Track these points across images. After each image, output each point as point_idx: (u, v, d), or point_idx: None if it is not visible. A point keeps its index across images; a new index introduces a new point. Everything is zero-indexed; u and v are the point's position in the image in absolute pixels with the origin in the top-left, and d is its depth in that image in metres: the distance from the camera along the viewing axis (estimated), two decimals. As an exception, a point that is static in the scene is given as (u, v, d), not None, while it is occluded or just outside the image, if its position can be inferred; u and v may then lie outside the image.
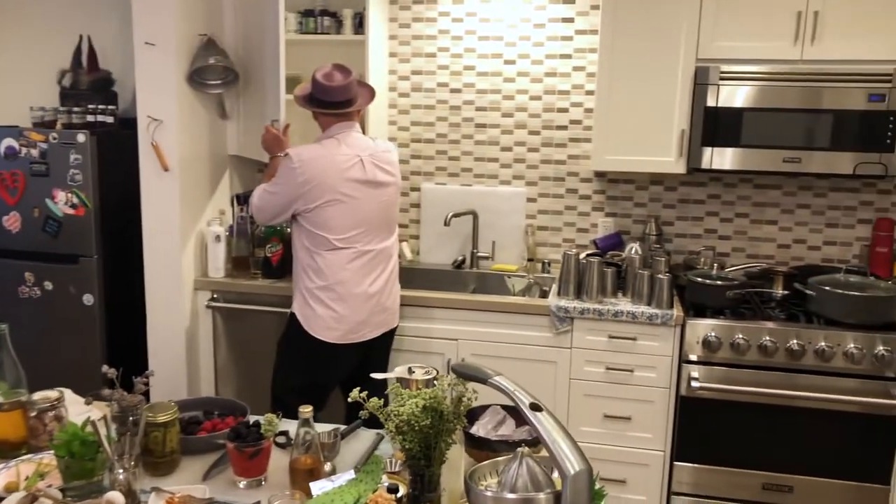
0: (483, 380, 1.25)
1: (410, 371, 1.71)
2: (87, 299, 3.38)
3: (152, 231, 3.22)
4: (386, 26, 3.56)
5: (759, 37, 2.97)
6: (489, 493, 1.17)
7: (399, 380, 1.70)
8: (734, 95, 2.97)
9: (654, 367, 2.98)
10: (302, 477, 1.49)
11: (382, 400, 1.44)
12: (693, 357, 2.89)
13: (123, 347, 3.52)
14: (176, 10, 3.06)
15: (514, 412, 1.76)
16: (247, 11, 3.29)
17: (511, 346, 3.09)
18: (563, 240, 3.61)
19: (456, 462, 1.41)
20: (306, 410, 1.49)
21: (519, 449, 1.21)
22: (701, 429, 2.93)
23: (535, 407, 1.15)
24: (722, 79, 2.96)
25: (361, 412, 1.41)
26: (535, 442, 1.64)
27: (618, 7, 3.07)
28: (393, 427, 1.31)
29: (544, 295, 3.33)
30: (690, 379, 2.86)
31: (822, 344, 2.76)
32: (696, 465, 2.95)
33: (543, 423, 1.13)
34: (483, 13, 3.50)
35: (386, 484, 1.32)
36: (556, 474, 1.27)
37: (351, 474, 1.41)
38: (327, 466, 1.58)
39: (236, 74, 3.28)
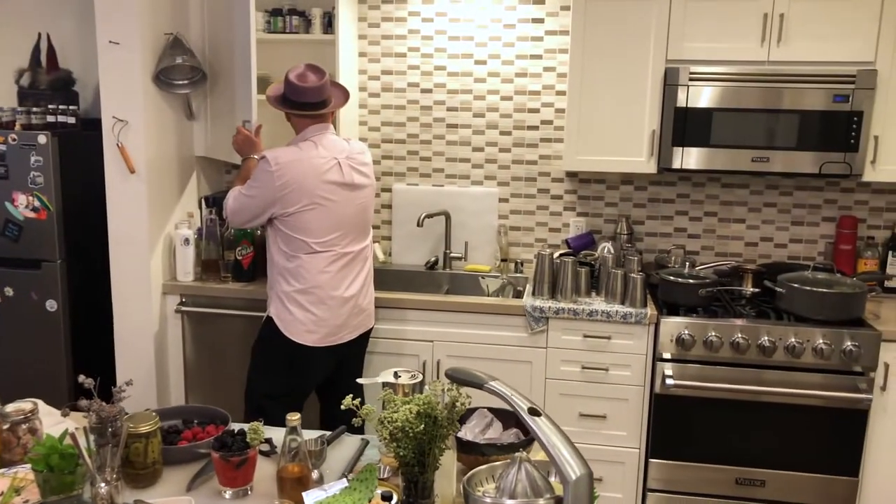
0: (479, 385, 1.24)
1: (396, 375, 1.69)
2: (51, 305, 3.29)
3: (118, 235, 3.14)
4: (355, 26, 3.53)
5: (726, 38, 3.01)
6: (488, 500, 1.16)
7: (385, 384, 1.68)
8: (703, 96, 3.00)
9: (628, 366, 3.01)
10: (290, 486, 1.46)
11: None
12: (667, 355, 2.92)
13: (89, 355, 3.43)
14: (141, 8, 2.99)
15: (501, 415, 1.75)
16: (214, 10, 3.23)
17: (486, 347, 3.09)
18: (535, 240, 3.62)
19: (448, 468, 1.39)
20: (294, 418, 1.47)
21: (517, 454, 1.21)
22: (675, 426, 2.97)
23: (534, 412, 1.15)
24: (691, 79, 3.00)
25: (354, 419, 1.38)
26: (524, 445, 1.64)
27: (588, 8, 3.08)
28: (387, 434, 1.29)
29: (518, 295, 3.33)
30: (665, 377, 2.89)
31: (793, 340, 2.81)
32: (670, 461, 2.98)
33: (542, 428, 1.12)
34: (453, 13, 3.49)
35: (380, 492, 1.30)
36: (553, 478, 1.27)
37: (344, 483, 1.39)
38: (314, 474, 1.56)
39: (204, 74, 3.22)
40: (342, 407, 1.39)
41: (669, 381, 2.88)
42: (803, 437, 2.88)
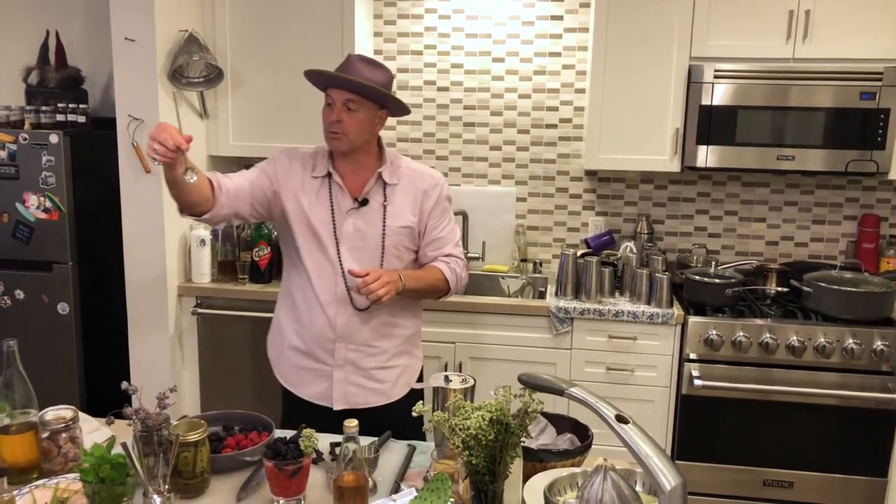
0: (558, 391, 1.20)
1: (447, 380, 1.64)
2: (62, 308, 3.21)
3: (133, 236, 3.07)
4: (371, 23, 3.47)
5: (751, 35, 2.99)
6: (574, 510, 1.12)
7: (436, 389, 1.63)
8: (728, 94, 2.98)
9: (654, 367, 2.97)
10: (348, 495, 1.41)
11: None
12: (693, 356, 2.89)
13: (101, 359, 3.36)
14: (156, 4, 2.92)
15: (554, 420, 1.71)
16: (238, 6, 3.17)
17: (509, 349, 3.05)
18: (553, 239, 3.58)
19: (515, 476, 1.35)
20: (352, 425, 1.41)
21: (599, 462, 1.16)
22: (702, 427, 2.93)
23: (622, 419, 1.11)
24: (716, 77, 2.97)
25: (425, 426, 1.33)
26: (580, 451, 1.60)
27: (611, 5, 3.05)
28: (459, 442, 1.24)
29: (540, 296, 3.29)
30: (692, 377, 2.86)
31: (822, 340, 2.79)
32: (697, 463, 2.95)
33: (633, 436, 1.08)
34: (470, 10, 3.44)
35: (451, 501, 1.25)
36: (637, 487, 1.23)
37: (412, 492, 1.34)
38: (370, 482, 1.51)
39: (220, 71, 3.15)
40: (414, 413, 1.34)
41: (697, 382, 2.84)
42: (832, 437, 2.86)
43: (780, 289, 3.06)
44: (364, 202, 2.07)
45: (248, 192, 2.05)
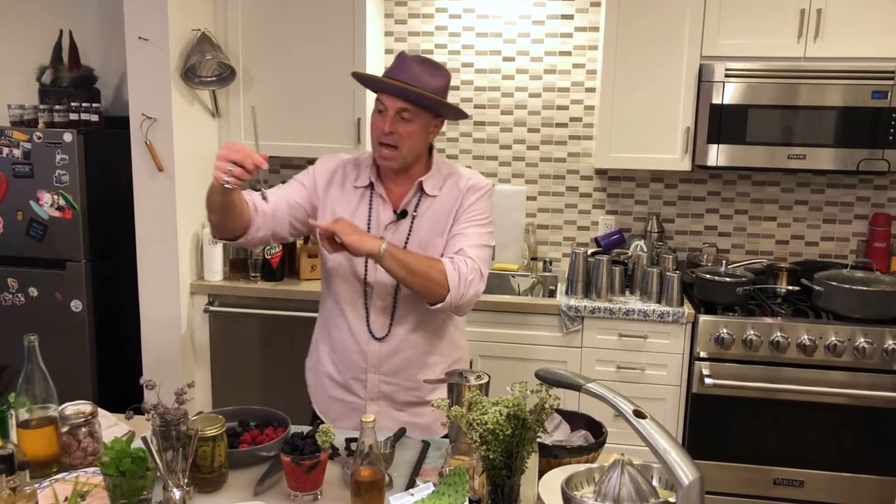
0: (576, 387, 1.21)
1: (462, 376, 1.65)
2: (76, 306, 3.24)
3: (146, 234, 3.09)
4: (381, 22, 3.48)
5: (762, 34, 2.99)
6: (592, 504, 1.13)
7: (451, 385, 1.64)
8: (739, 93, 2.98)
9: (665, 365, 2.98)
10: (365, 489, 1.42)
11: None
12: (704, 354, 2.90)
13: (114, 356, 3.38)
14: (169, 3, 2.94)
15: (568, 417, 1.71)
16: (250, 5, 3.19)
17: (520, 347, 3.06)
18: (563, 238, 3.59)
19: (530, 471, 1.36)
20: (369, 420, 1.43)
21: (617, 457, 1.17)
22: (712, 425, 2.94)
23: (639, 414, 1.11)
24: (727, 76, 2.97)
25: (443, 421, 1.34)
26: (594, 448, 1.61)
27: (621, 4, 3.05)
28: (477, 437, 1.25)
29: (550, 294, 3.30)
30: (703, 376, 2.86)
31: (833, 339, 2.79)
32: (707, 461, 2.95)
33: (651, 431, 1.09)
34: (481, 9, 3.45)
35: (469, 496, 1.26)
36: (654, 482, 1.23)
37: (430, 487, 1.35)
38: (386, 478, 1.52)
39: (232, 70, 3.17)
40: (432, 408, 1.35)
41: (708, 381, 2.85)
42: (843, 436, 2.86)
43: (790, 288, 3.07)
44: (403, 214, 1.89)
45: (286, 212, 1.89)
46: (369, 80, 1.89)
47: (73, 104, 3.31)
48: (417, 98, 1.78)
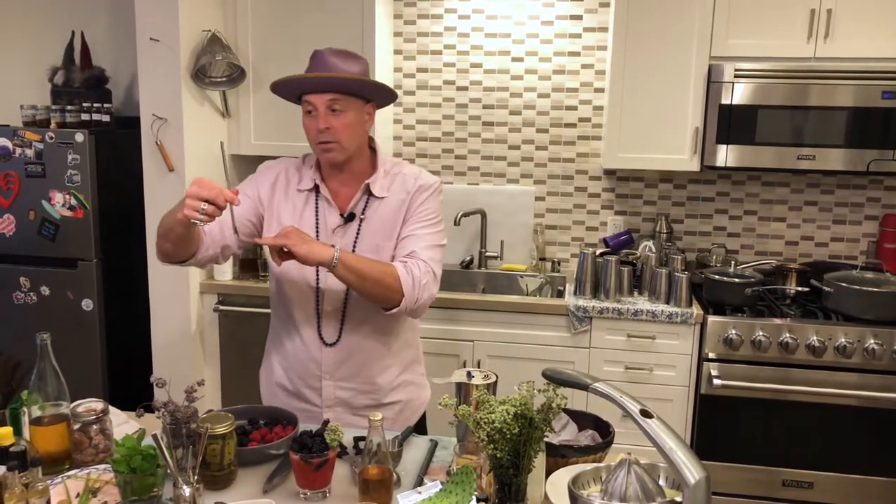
0: (583, 386, 1.21)
1: (470, 375, 1.66)
2: (87, 304, 3.26)
3: (156, 233, 3.10)
4: (391, 23, 3.49)
5: (772, 34, 2.98)
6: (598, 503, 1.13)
7: (458, 385, 1.65)
8: (748, 93, 2.97)
9: (673, 366, 2.98)
10: (373, 487, 1.43)
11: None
12: (713, 355, 2.89)
13: (124, 355, 3.41)
14: (180, 4, 2.96)
15: (576, 416, 1.72)
16: (260, 6, 3.21)
17: (528, 347, 3.06)
18: (571, 238, 3.59)
19: (538, 470, 1.36)
20: (377, 419, 1.43)
21: (623, 456, 1.18)
22: (721, 426, 2.93)
23: (646, 413, 1.12)
24: (737, 76, 2.97)
25: (451, 420, 1.35)
26: (601, 448, 1.61)
27: (630, 5, 3.05)
28: (484, 435, 1.26)
29: (559, 294, 3.30)
30: (711, 377, 2.86)
31: (843, 340, 2.78)
32: (715, 462, 2.95)
33: (657, 431, 1.09)
34: (490, 10, 3.46)
35: (476, 494, 1.27)
36: (660, 481, 1.24)
37: (437, 485, 1.36)
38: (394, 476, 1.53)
39: (242, 70, 3.19)
40: (440, 406, 1.35)
41: (717, 382, 2.84)
42: (852, 438, 2.85)
43: (799, 289, 3.06)
44: (350, 217, 1.84)
45: (231, 226, 1.82)
46: (291, 85, 1.78)
47: (84, 105, 3.34)
48: (344, 85, 1.73)
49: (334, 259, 1.67)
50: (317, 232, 1.85)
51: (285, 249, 1.66)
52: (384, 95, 1.86)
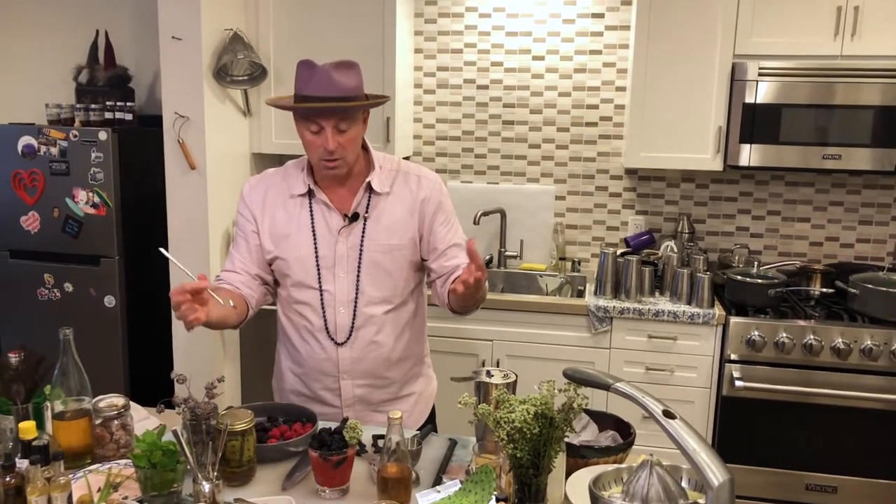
0: (605, 386, 1.20)
1: (489, 374, 1.65)
2: (109, 301, 3.29)
3: (177, 231, 3.13)
4: (411, 21, 3.49)
5: (797, 32, 2.94)
6: (619, 505, 1.12)
7: (478, 384, 1.64)
8: (773, 92, 2.93)
9: (694, 367, 2.95)
10: (392, 486, 1.43)
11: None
12: (735, 356, 2.86)
13: (146, 351, 3.44)
14: (202, 3, 2.97)
15: (596, 417, 1.70)
16: (282, 4, 3.22)
17: (547, 347, 3.04)
18: (592, 238, 3.56)
19: (558, 471, 1.35)
20: (396, 416, 1.43)
21: (645, 457, 1.16)
22: (743, 429, 2.90)
23: (669, 414, 1.10)
24: (761, 75, 2.93)
25: (470, 419, 1.34)
26: (622, 448, 1.59)
27: (653, 2, 3.03)
28: (504, 435, 1.25)
29: (579, 294, 3.28)
30: (733, 378, 2.83)
31: (869, 342, 2.73)
32: (737, 465, 2.91)
33: (680, 432, 1.07)
34: (511, 9, 3.44)
35: (495, 494, 1.26)
36: (683, 483, 1.22)
37: (457, 484, 1.35)
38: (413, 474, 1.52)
39: (263, 69, 3.20)
40: (459, 405, 1.35)
41: (739, 384, 2.81)
42: (878, 441, 2.80)
43: (824, 290, 3.02)
44: (355, 217, 1.84)
45: (262, 266, 1.89)
46: (300, 108, 1.75)
47: (108, 103, 3.37)
48: (355, 109, 1.74)
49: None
50: (314, 235, 1.84)
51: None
52: (380, 102, 1.87)
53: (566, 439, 1.36)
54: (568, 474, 1.45)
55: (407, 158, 3.19)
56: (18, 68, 3.86)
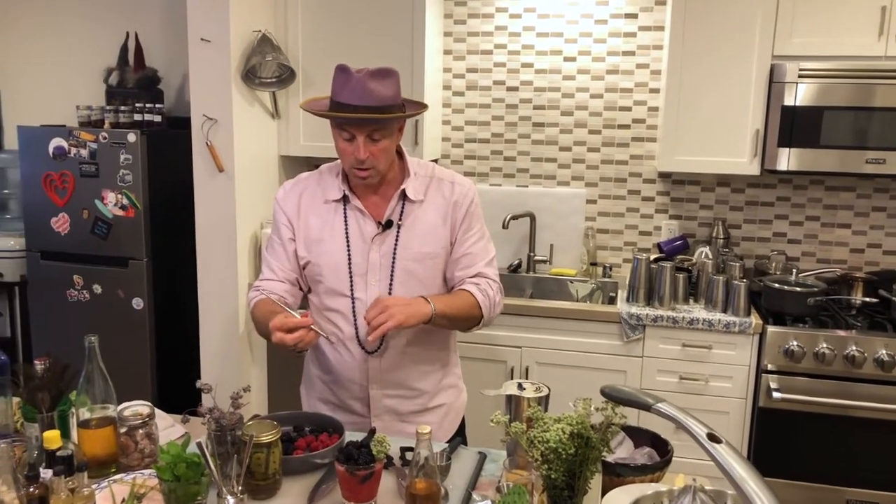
0: (645, 406, 1.14)
1: (521, 387, 1.60)
2: (137, 303, 3.29)
3: (206, 233, 3.12)
4: (441, 22, 3.45)
5: (839, 32, 2.85)
6: (660, 532, 1.06)
7: (509, 397, 1.59)
8: (813, 94, 2.84)
9: (730, 377, 2.87)
10: (420, 502, 1.38)
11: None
12: (772, 367, 2.77)
13: (173, 353, 3.43)
14: (231, 5, 2.96)
15: (632, 433, 1.64)
16: (310, 6, 3.20)
17: (578, 354, 2.98)
18: (624, 243, 3.49)
19: (593, 490, 1.30)
20: (425, 432, 1.38)
21: (689, 482, 1.10)
22: (780, 441, 2.81)
23: (714, 438, 1.04)
24: (801, 76, 2.84)
25: (502, 438, 1.30)
26: (660, 467, 1.54)
27: (688, 2, 2.95)
28: (538, 455, 1.20)
29: (610, 301, 3.21)
30: (770, 389, 2.74)
31: (914, 354, 2.64)
32: (774, 479, 2.83)
33: (725, 457, 1.02)
34: (542, 9, 3.39)
35: (528, 515, 1.21)
36: (728, 509, 1.16)
37: (487, 502, 1.31)
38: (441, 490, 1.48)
39: (292, 71, 3.18)
40: (492, 423, 1.30)
41: (776, 395, 2.73)
42: (922, 457, 2.70)
43: (866, 299, 2.92)
44: (389, 225, 1.81)
45: (297, 272, 1.88)
46: (334, 117, 1.71)
47: (137, 105, 3.37)
48: (388, 121, 1.70)
49: (432, 314, 1.71)
50: (347, 241, 1.82)
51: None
52: (418, 111, 1.83)
53: (604, 458, 1.31)
54: (603, 493, 1.39)
55: (435, 161, 3.15)
56: (50, 71, 3.89)
